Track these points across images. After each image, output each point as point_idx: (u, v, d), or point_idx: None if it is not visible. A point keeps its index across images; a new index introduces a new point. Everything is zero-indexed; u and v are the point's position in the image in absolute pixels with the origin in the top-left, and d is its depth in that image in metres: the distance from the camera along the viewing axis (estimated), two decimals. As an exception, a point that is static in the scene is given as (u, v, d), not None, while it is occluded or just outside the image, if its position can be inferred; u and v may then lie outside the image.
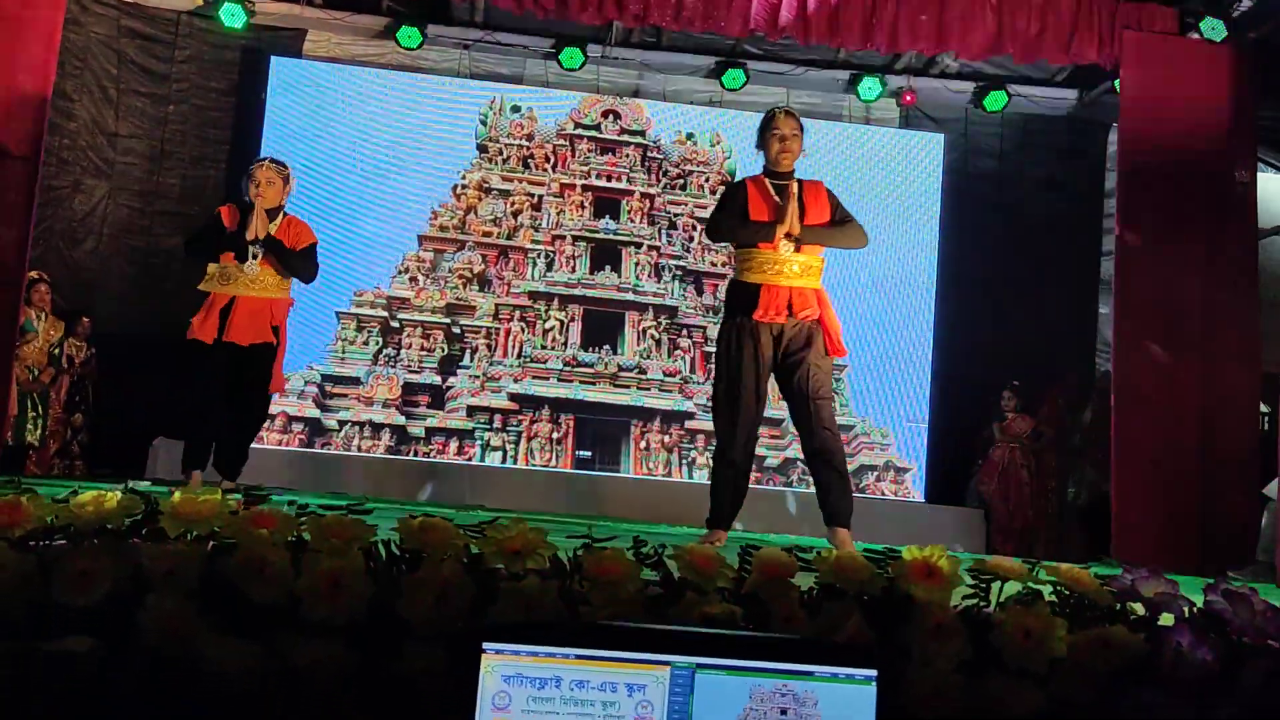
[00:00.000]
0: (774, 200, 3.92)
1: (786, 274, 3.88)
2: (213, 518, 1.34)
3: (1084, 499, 7.96)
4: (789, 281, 3.87)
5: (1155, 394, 7.30)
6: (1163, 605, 1.42)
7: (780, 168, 4.01)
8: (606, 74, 8.96)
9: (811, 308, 3.87)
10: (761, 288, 3.85)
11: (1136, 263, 7.45)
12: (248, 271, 4.54)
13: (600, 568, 1.41)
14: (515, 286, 8.64)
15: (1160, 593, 1.42)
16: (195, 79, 8.38)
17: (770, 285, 3.85)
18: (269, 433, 8.13)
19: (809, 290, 3.91)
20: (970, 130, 9.19)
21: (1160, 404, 7.29)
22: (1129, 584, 1.44)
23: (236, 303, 4.53)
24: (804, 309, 3.86)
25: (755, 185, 4.04)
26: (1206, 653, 1.36)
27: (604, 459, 8.53)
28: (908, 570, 1.43)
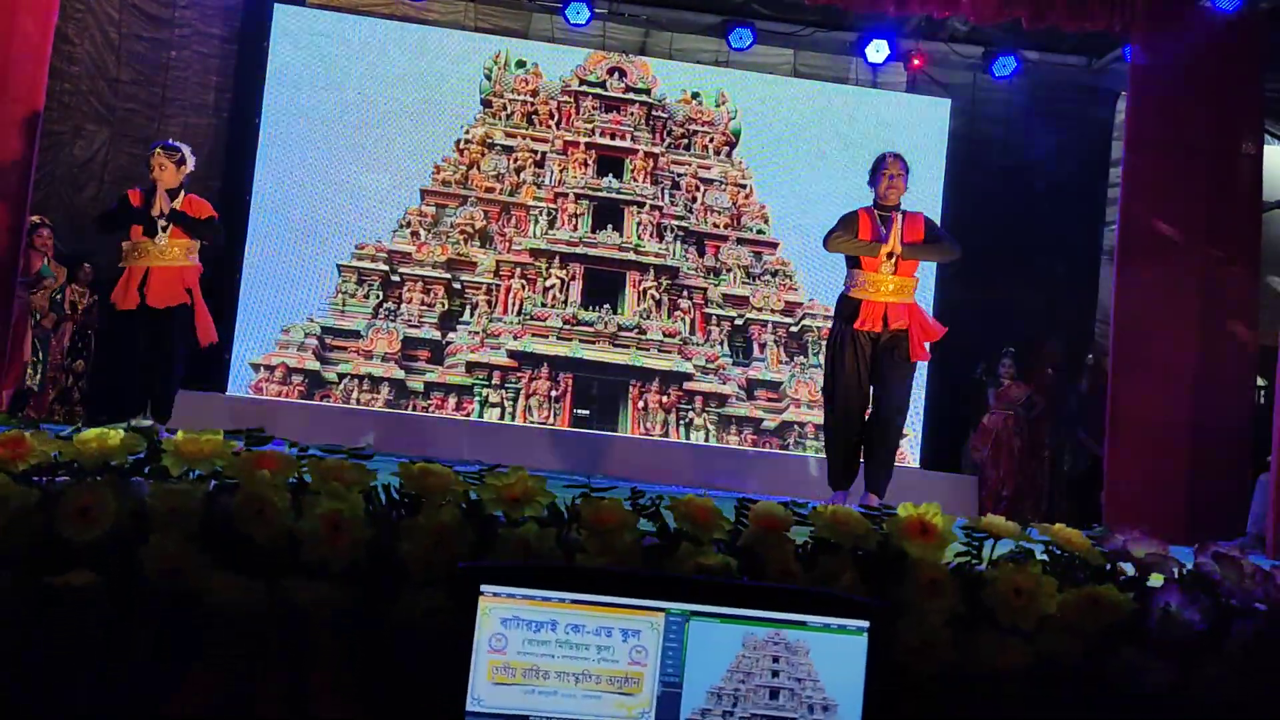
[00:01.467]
0: (880, 228, 4.76)
1: (883, 292, 4.68)
2: (215, 457, 1.35)
3: (1078, 468, 8.00)
4: (885, 298, 4.67)
5: (1151, 365, 7.32)
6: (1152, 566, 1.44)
7: (888, 201, 4.81)
8: (613, 30, 8.88)
9: (903, 320, 4.67)
10: (863, 303, 4.67)
11: (1138, 236, 7.43)
12: (158, 243, 5.13)
13: (598, 516, 1.42)
14: (517, 243, 8.62)
15: (1150, 554, 1.43)
16: (198, 25, 8.30)
17: (870, 301, 4.67)
18: (268, 384, 8.16)
19: (902, 305, 4.70)
20: (977, 96, 9.12)
21: (1156, 375, 7.31)
22: (1120, 545, 1.46)
23: (151, 273, 5.12)
24: (897, 320, 4.66)
25: (866, 213, 4.84)
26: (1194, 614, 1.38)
27: (602, 418, 8.56)
28: (902, 527, 1.45)
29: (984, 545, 1.48)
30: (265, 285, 8.20)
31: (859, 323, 4.66)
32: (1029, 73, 8.92)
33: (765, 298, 8.84)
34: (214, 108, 8.36)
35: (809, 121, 8.97)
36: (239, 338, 8.12)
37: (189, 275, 5.25)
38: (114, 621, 1.33)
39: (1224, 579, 1.41)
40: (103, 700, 1.32)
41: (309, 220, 8.31)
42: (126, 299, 5.13)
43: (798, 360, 8.82)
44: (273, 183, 8.28)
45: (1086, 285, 8.82)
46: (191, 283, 5.25)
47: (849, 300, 4.76)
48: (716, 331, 8.77)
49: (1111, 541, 1.47)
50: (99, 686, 1.32)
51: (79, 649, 1.31)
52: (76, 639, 1.31)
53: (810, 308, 8.87)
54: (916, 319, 4.75)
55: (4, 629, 1.28)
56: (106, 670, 1.34)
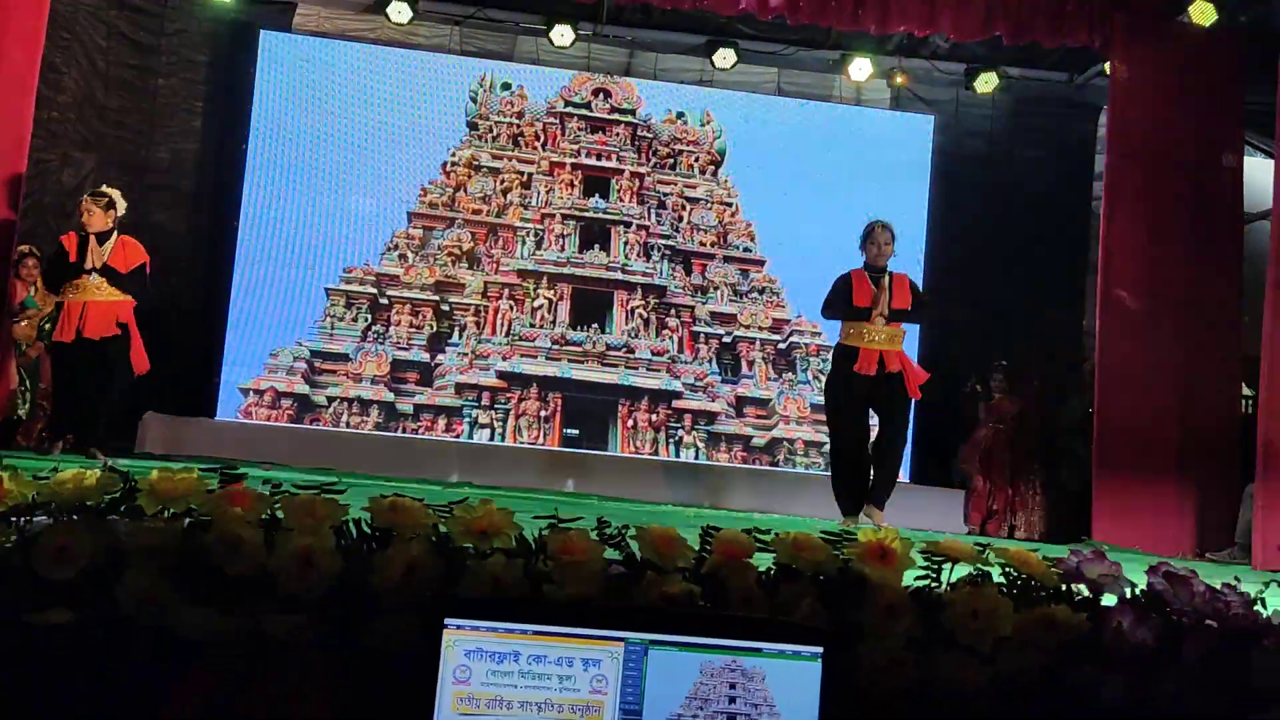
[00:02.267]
0: (871, 288, 5.34)
1: (877, 340, 5.33)
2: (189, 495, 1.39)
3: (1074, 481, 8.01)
4: (878, 346, 5.31)
5: (1137, 378, 7.38)
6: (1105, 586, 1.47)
7: (877, 265, 5.43)
8: (597, 52, 8.96)
9: (896, 365, 5.32)
10: (860, 350, 5.30)
11: (1122, 248, 7.50)
12: (93, 281, 5.68)
13: (564, 547, 1.46)
14: (504, 264, 8.67)
15: (1103, 574, 1.47)
16: (184, 52, 8.36)
17: (865, 349, 5.30)
18: (257, 408, 8.18)
19: (893, 352, 5.37)
20: (961, 111, 9.21)
21: (1142, 388, 7.37)
22: (1074, 566, 1.50)
23: (88, 307, 5.64)
24: (890, 365, 5.31)
25: (857, 276, 5.45)
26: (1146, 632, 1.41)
27: (591, 437, 8.59)
28: (862, 551, 1.49)
29: (943, 568, 1.52)
30: (254, 310, 8.23)
31: (856, 366, 5.29)
32: (1011, 88, 9.02)
33: (753, 315, 8.90)
34: (201, 134, 8.41)
35: (794, 139, 9.05)
36: (227, 362, 8.15)
37: (122, 309, 5.77)
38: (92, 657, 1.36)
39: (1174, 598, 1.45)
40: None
41: (297, 244, 8.35)
42: (64, 332, 5.65)
43: (786, 377, 8.87)
44: (260, 208, 8.33)
45: (1073, 298, 8.88)
46: (125, 316, 5.78)
47: (847, 348, 5.41)
48: (705, 349, 8.82)
49: (1066, 562, 1.50)
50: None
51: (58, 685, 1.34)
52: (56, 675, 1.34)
53: (798, 324, 8.93)
54: (907, 364, 5.45)
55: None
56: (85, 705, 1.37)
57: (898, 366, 5.33)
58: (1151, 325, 7.44)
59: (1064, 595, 1.50)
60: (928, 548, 1.53)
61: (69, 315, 5.65)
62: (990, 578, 1.51)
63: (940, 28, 7.78)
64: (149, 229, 8.19)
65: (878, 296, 5.31)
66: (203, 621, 1.36)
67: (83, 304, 5.65)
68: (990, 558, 1.53)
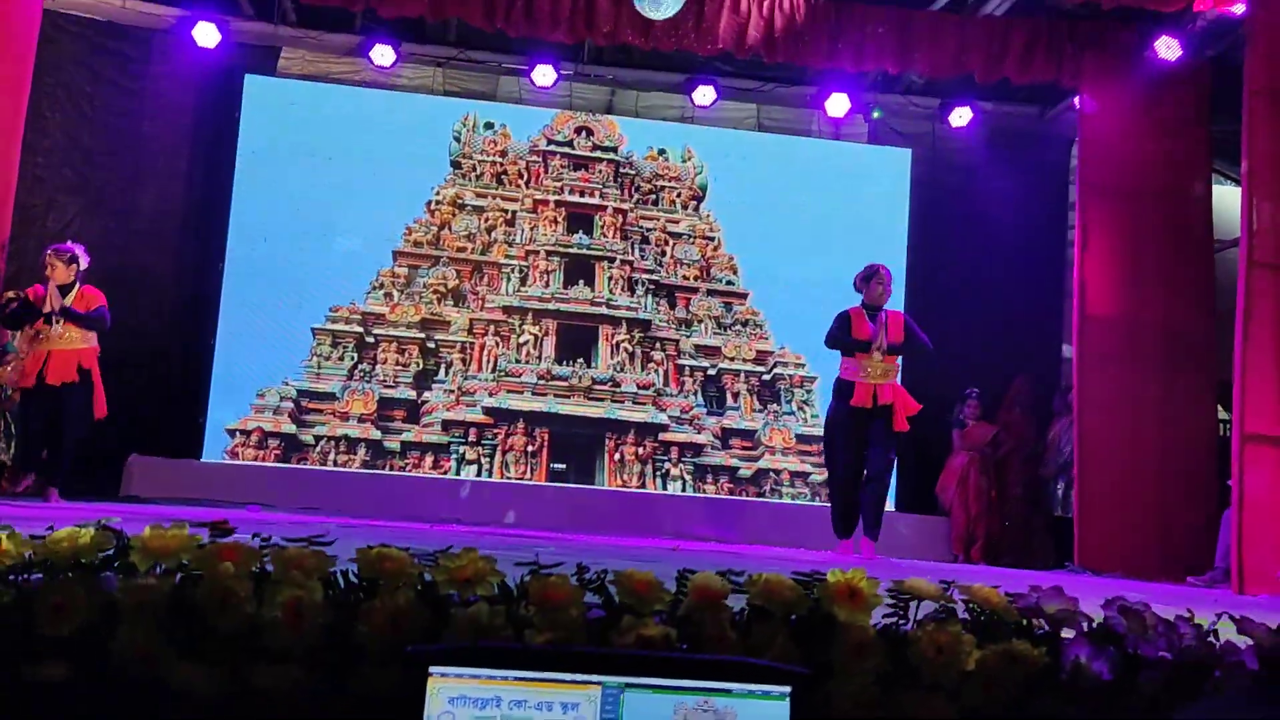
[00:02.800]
0: (870, 325, 5.84)
1: (874, 375, 5.80)
2: (180, 551, 1.44)
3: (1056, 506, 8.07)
4: (874, 380, 5.79)
5: (1116, 405, 7.49)
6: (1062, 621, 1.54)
7: (877, 304, 5.94)
8: (579, 91, 9.09)
9: (889, 397, 5.78)
10: (857, 384, 5.79)
11: (1096, 277, 7.64)
12: (56, 330, 6.06)
13: (545, 593, 1.51)
14: (489, 301, 8.74)
15: (1060, 609, 1.54)
16: (169, 96, 8.43)
17: (861, 383, 5.78)
18: (244, 449, 8.20)
19: (888, 385, 5.83)
20: (937, 144, 9.37)
21: (1120, 414, 7.48)
22: (1033, 601, 1.56)
23: (51, 355, 6.05)
24: (884, 398, 5.78)
25: (856, 313, 5.94)
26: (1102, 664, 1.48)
27: (579, 471, 8.64)
28: (831, 592, 1.55)
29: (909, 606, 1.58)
30: (240, 351, 8.28)
31: (854, 400, 5.77)
32: (985, 122, 9.19)
33: (737, 347, 8.99)
34: (186, 176, 8.48)
35: (774, 174, 9.18)
36: (214, 404, 8.18)
37: (85, 356, 6.13)
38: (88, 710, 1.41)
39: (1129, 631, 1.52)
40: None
41: (283, 285, 8.41)
42: (27, 378, 6.10)
43: (771, 408, 8.94)
44: (246, 248, 8.39)
45: (1051, 326, 8.99)
46: (89, 362, 6.14)
47: (845, 382, 5.88)
48: (690, 382, 8.90)
49: (1026, 598, 1.57)
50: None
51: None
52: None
53: (781, 356, 9.02)
54: (900, 397, 5.86)
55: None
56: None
57: (889, 399, 5.80)
58: (1128, 352, 7.56)
59: (1026, 630, 1.56)
60: (894, 587, 1.60)
61: (34, 362, 6.07)
62: (954, 614, 1.57)
63: (914, 65, 7.95)
64: (135, 271, 8.25)
65: (877, 332, 5.81)
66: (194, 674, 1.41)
67: (47, 352, 6.04)
68: (954, 595, 1.59)
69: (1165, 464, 7.46)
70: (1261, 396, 6.11)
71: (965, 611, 1.58)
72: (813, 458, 8.88)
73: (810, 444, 8.90)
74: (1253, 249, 6.20)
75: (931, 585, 1.58)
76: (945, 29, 7.75)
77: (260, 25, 8.43)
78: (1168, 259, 7.67)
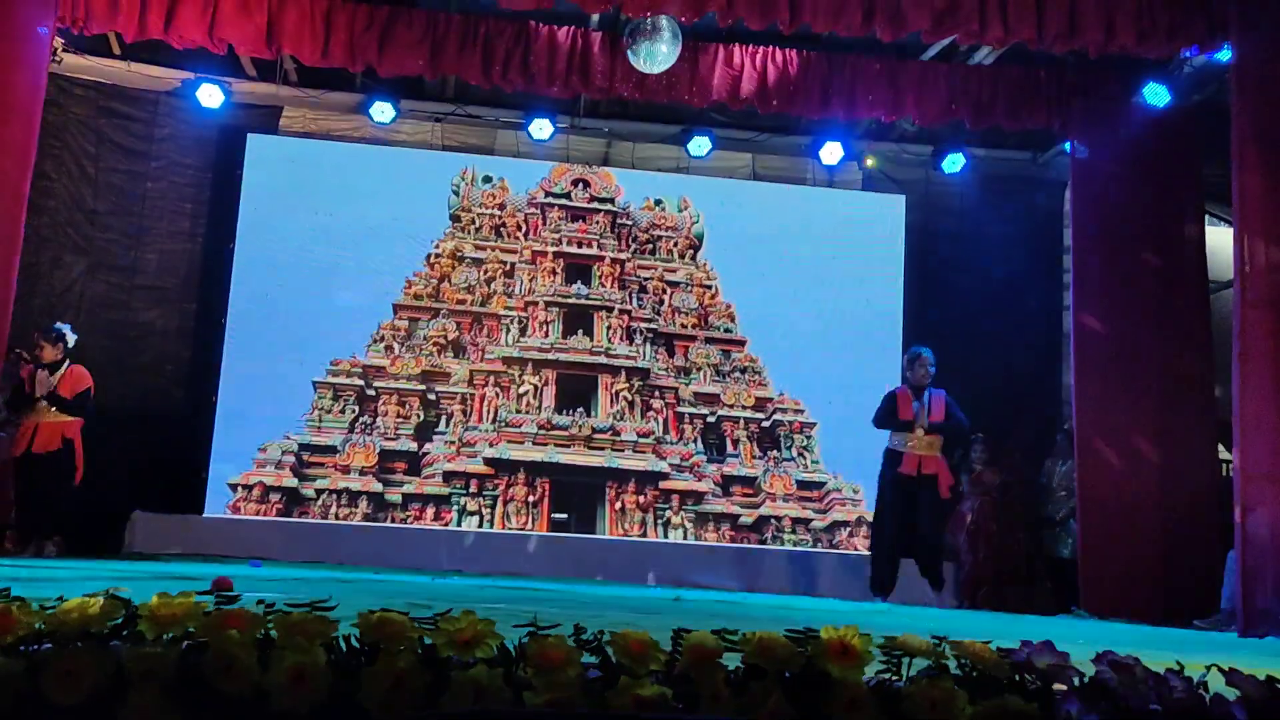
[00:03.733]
0: (914, 404, 6.70)
1: (918, 448, 6.70)
2: (186, 619, 1.47)
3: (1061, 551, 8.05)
4: (919, 452, 6.68)
5: (1116, 448, 7.51)
6: (1053, 676, 1.56)
7: (920, 385, 6.81)
8: (575, 143, 9.22)
9: (931, 468, 6.66)
10: (904, 454, 6.67)
11: (1092, 321, 7.70)
12: (43, 406, 6.84)
13: (543, 654, 1.54)
14: (489, 352, 8.80)
15: (1051, 664, 1.56)
16: (173, 156, 8.57)
17: (908, 454, 6.67)
18: (246, 503, 8.21)
19: (930, 457, 6.70)
20: (930, 190, 9.48)
21: (1121, 456, 7.50)
22: (1025, 657, 1.58)
23: (39, 427, 6.82)
24: (928, 469, 6.66)
25: (902, 394, 6.83)
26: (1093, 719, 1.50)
27: (580, 521, 8.64)
28: (824, 649, 1.57)
29: (902, 662, 1.61)
30: (242, 405, 8.32)
31: (901, 468, 6.61)
32: (978, 168, 9.31)
33: (736, 394, 9.03)
34: (189, 234, 8.58)
35: (770, 221, 9.29)
36: (216, 459, 8.21)
37: (69, 428, 6.86)
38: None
39: (1119, 685, 1.54)
40: None
41: (284, 339, 8.48)
42: (16, 447, 6.78)
43: (771, 454, 8.96)
44: (247, 304, 8.47)
45: (1050, 369, 9.04)
46: (71, 433, 6.84)
47: (894, 452, 6.75)
48: (690, 429, 8.93)
49: (1017, 653, 1.59)
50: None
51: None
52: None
53: (780, 402, 9.06)
54: (941, 468, 6.70)
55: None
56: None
57: (934, 470, 6.67)
58: (1126, 394, 7.59)
59: (1018, 685, 1.58)
60: (886, 643, 1.62)
61: (24, 433, 6.79)
62: (947, 670, 1.60)
63: (905, 113, 8.08)
64: (137, 328, 8.33)
65: (920, 412, 6.67)
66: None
67: (35, 424, 6.80)
68: (946, 650, 1.62)
69: (1167, 505, 7.46)
70: (1260, 436, 6.14)
71: (958, 667, 1.61)
72: (814, 504, 8.90)
73: (811, 490, 8.91)
74: (1246, 289, 6.27)
75: (923, 641, 1.61)
76: (935, 78, 7.88)
77: (263, 85, 8.59)
78: (1164, 301, 7.73)
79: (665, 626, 1.71)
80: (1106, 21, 6.64)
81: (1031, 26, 6.64)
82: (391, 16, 7.31)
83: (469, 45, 7.41)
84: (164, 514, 7.79)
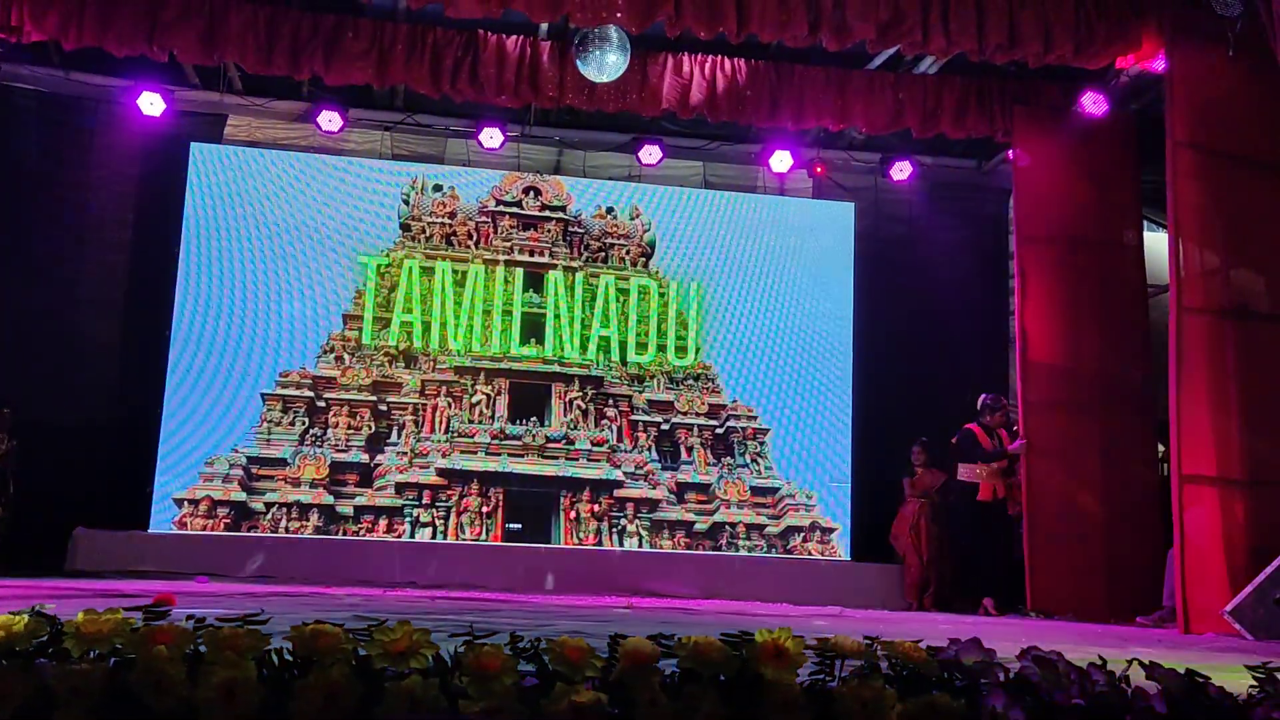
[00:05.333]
0: (989, 440, 7.87)
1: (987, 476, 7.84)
2: (114, 636, 1.46)
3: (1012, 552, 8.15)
4: (991, 480, 7.84)
5: (1060, 449, 7.65)
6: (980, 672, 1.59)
7: (994, 425, 7.92)
8: (527, 151, 9.22)
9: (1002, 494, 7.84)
10: (980, 484, 7.82)
11: (1036, 324, 7.84)
12: None
13: (479, 663, 1.54)
14: (441, 362, 8.75)
15: (978, 660, 1.59)
16: (115, 165, 8.43)
17: (984, 483, 7.82)
18: (192, 518, 8.09)
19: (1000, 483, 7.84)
20: (879, 198, 9.60)
21: (1065, 458, 7.65)
22: (953, 654, 1.62)
23: None
24: (1000, 494, 7.83)
25: (979, 430, 7.92)
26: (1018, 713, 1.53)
27: (534, 530, 8.61)
28: (759, 652, 1.59)
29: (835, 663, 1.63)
30: (188, 419, 8.20)
31: (980, 496, 7.77)
32: (925, 175, 9.45)
33: (689, 402, 9.06)
34: (132, 245, 8.46)
35: (721, 229, 9.35)
36: (161, 472, 8.08)
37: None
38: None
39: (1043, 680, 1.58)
40: None
41: (231, 351, 8.38)
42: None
43: (725, 461, 9.01)
44: (193, 316, 8.35)
45: (997, 372, 9.17)
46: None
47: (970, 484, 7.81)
48: (644, 437, 8.94)
49: (945, 652, 1.63)
50: None
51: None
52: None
53: (734, 409, 9.10)
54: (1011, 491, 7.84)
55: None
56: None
57: (1003, 493, 7.82)
58: (1070, 397, 7.75)
59: (946, 682, 1.62)
60: (819, 645, 1.65)
61: None
62: (878, 670, 1.62)
63: (853, 122, 8.19)
64: (79, 341, 8.18)
65: (994, 448, 7.80)
66: (130, 757, 1.42)
67: None
68: (878, 650, 1.65)
69: (1110, 505, 7.62)
70: (1197, 438, 6.30)
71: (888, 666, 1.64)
72: (768, 510, 8.95)
73: (765, 496, 8.97)
74: (1182, 295, 6.43)
75: (854, 641, 1.64)
76: (881, 88, 8.00)
77: (206, 94, 8.49)
78: (1104, 305, 7.90)
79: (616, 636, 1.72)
80: (1045, 33, 6.80)
81: (973, 38, 6.78)
82: (337, 25, 7.27)
83: (417, 54, 7.39)
84: (108, 530, 7.65)
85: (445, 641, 1.61)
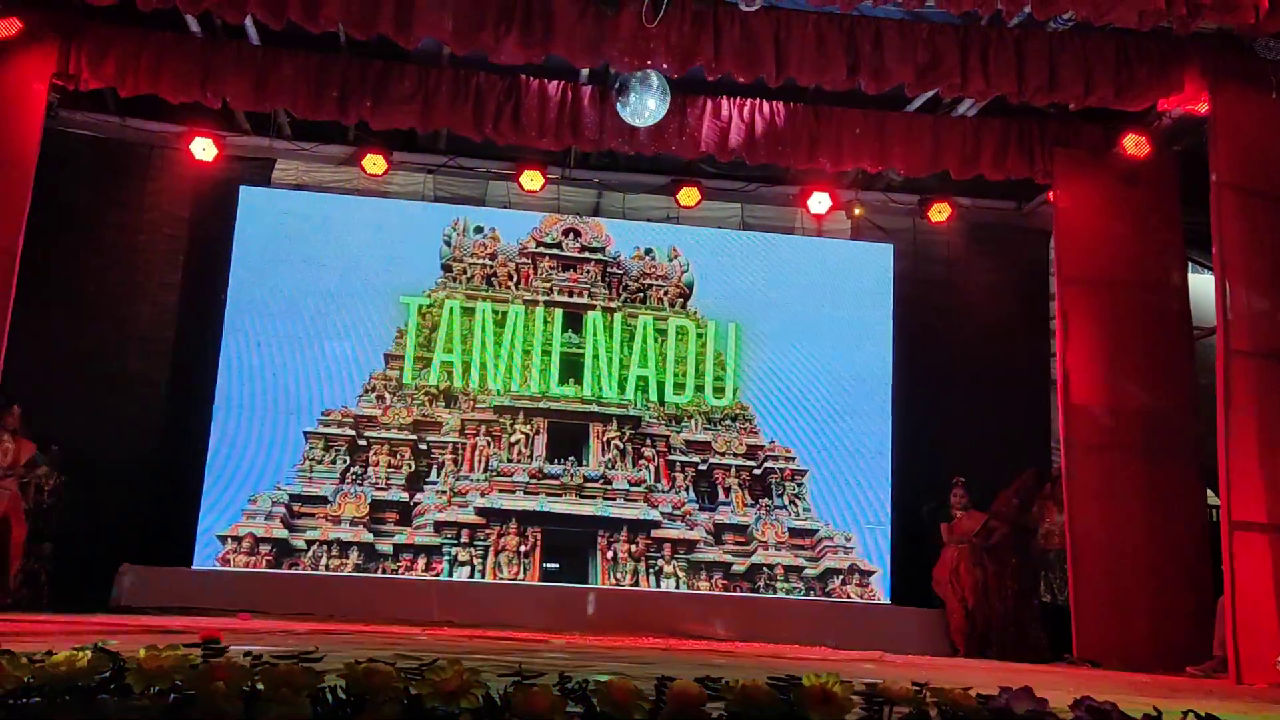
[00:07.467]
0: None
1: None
2: (174, 672, 1.49)
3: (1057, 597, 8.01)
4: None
5: (1105, 493, 7.52)
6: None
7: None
8: (566, 194, 9.32)
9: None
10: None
11: (1079, 367, 7.74)
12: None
13: (527, 704, 1.56)
14: (480, 402, 8.81)
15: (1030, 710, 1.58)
16: (166, 208, 8.63)
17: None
18: (235, 555, 8.17)
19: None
20: (918, 239, 9.58)
21: (1110, 502, 7.50)
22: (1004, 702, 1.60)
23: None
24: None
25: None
26: (1071, 764, 1.52)
27: (572, 570, 8.60)
28: (806, 697, 1.59)
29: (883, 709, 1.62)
30: (232, 457, 8.31)
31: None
32: (964, 217, 9.42)
33: (727, 442, 9.04)
34: (181, 286, 8.62)
35: (759, 270, 9.38)
36: (205, 510, 8.17)
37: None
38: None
39: (1096, 731, 1.56)
40: None
41: (275, 390, 8.49)
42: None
43: (762, 502, 8.96)
44: (239, 355, 8.49)
45: (1038, 415, 9.07)
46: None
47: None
48: (681, 478, 8.92)
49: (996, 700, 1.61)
50: None
51: None
52: None
53: (771, 450, 9.07)
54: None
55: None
56: None
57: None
58: (1114, 440, 7.62)
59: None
60: (867, 690, 1.64)
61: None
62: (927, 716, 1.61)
63: (891, 164, 8.20)
64: (128, 379, 8.33)
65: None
66: (186, 792, 1.45)
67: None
68: (927, 697, 1.64)
69: (1157, 551, 7.45)
70: (1247, 483, 6.18)
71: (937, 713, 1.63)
72: (806, 551, 8.88)
73: (803, 538, 8.90)
74: (1229, 337, 6.34)
75: (904, 687, 1.63)
76: (920, 130, 8.00)
77: (256, 139, 8.68)
78: (1148, 348, 7.79)
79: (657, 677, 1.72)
80: (1086, 76, 6.78)
81: (1012, 80, 6.78)
82: (384, 71, 7.42)
83: (460, 98, 7.51)
84: (152, 566, 7.74)
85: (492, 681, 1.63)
